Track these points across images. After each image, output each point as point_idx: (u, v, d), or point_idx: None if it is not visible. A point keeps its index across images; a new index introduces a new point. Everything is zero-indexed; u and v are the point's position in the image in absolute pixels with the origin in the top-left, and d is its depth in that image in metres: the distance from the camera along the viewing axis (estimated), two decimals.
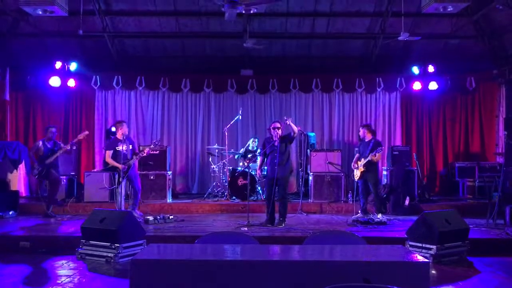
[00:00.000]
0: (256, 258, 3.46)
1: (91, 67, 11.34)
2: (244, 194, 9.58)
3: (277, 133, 7.96)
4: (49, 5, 7.87)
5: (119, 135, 8.75)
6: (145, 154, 8.86)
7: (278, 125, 8.05)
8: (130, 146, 8.85)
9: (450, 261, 6.15)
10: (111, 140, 8.88)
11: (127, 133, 8.89)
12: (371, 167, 8.60)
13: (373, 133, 8.96)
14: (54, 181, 9.03)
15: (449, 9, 7.80)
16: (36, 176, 9.03)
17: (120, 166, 8.50)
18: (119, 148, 8.62)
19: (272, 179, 7.95)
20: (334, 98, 12.12)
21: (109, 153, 8.68)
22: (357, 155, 9.04)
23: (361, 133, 8.99)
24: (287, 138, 8.02)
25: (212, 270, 3.25)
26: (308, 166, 10.58)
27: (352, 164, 8.98)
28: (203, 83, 11.66)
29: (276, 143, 7.93)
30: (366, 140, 8.82)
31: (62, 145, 9.08)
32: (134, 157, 8.77)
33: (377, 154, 8.45)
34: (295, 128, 7.88)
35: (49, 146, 8.98)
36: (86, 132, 9.08)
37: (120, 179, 8.51)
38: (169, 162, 10.84)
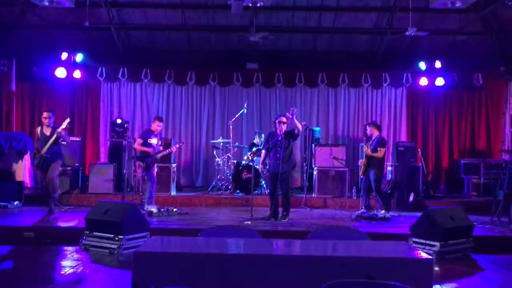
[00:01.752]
0: (259, 252, 3.47)
1: (97, 59, 11.34)
2: (248, 188, 9.58)
3: (282, 127, 7.93)
4: None
5: (153, 128, 8.83)
6: (174, 150, 9.15)
7: (284, 119, 7.96)
8: (160, 142, 8.97)
9: (454, 258, 6.12)
10: (144, 130, 8.94)
11: (160, 130, 9.03)
12: (373, 163, 8.54)
13: (379, 129, 8.90)
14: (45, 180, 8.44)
15: (457, 5, 7.71)
16: (36, 168, 8.69)
17: (150, 150, 8.63)
18: (152, 140, 8.74)
19: (275, 174, 7.92)
20: (339, 93, 12.07)
21: (139, 141, 8.71)
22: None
23: (368, 131, 8.90)
24: (290, 135, 7.96)
25: (215, 263, 3.26)
26: (313, 161, 10.56)
27: (359, 161, 8.96)
28: (208, 76, 11.64)
29: (280, 138, 7.90)
30: (373, 138, 8.74)
31: (57, 129, 8.27)
32: (160, 154, 8.88)
33: (379, 149, 8.42)
34: (299, 126, 7.83)
35: (46, 133, 8.36)
36: (67, 120, 8.47)
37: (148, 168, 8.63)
38: (173, 155, 10.85)
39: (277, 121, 8.03)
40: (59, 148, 8.54)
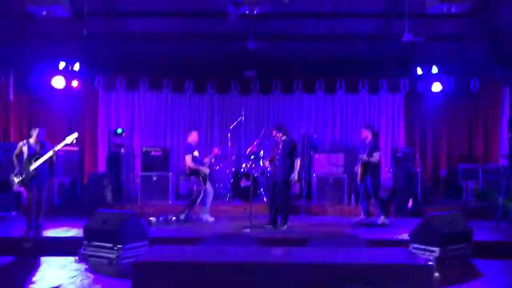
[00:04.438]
0: (258, 260, 3.46)
1: (95, 68, 11.34)
2: (247, 196, 9.58)
3: (279, 137, 8.00)
4: (53, 5, 7.88)
5: (192, 140, 8.88)
6: (215, 153, 9.10)
7: (272, 132, 8.18)
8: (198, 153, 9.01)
9: (454, 264, 6.11)
10: (187, 145, 8.97)
11: (197, 140, 9.06)
12: (369, 169, 8.54)
13: (374, 134, 8.92)
14: (30, 197, 7.79)
15: (453, 10, 7.79)
16: (18, 185, 7.82)
17: (204, 169, 8.70)
18: (196, 153, 8.80)
19: (274, 181, 7.98)
20: (337, 99, 12.10)
21: (189, 157, 8.73)
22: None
23: (363, 134, 8.93)
24: (289, 148, 8.00)
25: (215, 272, 3.25)
26: (311, 168, 10.56)
27: (356, 167, 8.96)
28: (206, 84, 11.67)
29: (280, 147, 7.96)
30: (366, 142, 8.79)
31: (50, 147, 7.78)
32: (207, 159, 8.95)
33: (374, 153, 8.42)
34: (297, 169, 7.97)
35: (34, 148, 7.79)
36: (75, 134, 7.91)
37: (203, 183, 8.68)
38: (171, 163, 10.85)
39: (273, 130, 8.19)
40: (46, 165, 7.98)
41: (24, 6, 8.22)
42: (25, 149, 7.78)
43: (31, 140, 7.85)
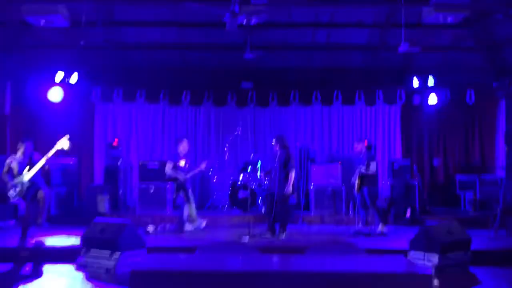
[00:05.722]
0: (257, 269, 3.45)
1: (92, 79, 11.32)
2: (245, 206, 9.58)
3: (276, 148, 8.04)
4: (51, 15, 7.89)
5: (180, 150, 8.86)
6: (203, 168, 9.02)
7: (273, 143, 8.20)
8: (187, 164, 8.96)
9: (452, 272, 6.09)
10: (174, 154, 8.98)
11: (187, 149, 9.01)
12: (366, 180, 8.57)
13: (366, 147, 8.97)
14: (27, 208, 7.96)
15: (448, 19, 7.87)
16: (16, 198, 7.98)
17: (180, 176, 8.62)
18: (180, 163, 8.77)
19: (272, 193, 7.99)
20: (334, 110, 12.15)
21: (170, 164, 8.72)
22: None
23: (359, 147, 8.96)
24: (284, 160, 8.01)
25: (212, 281, 3.24)
26: (309, 179, 10.56)
27: (352, 179, 8.98)
28: (203, 96, 11.69)
29: (276, 159, 7.98)
30: (360, 155, 8.84)
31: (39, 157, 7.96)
32: (191, 172, 8.90)
33: (371, 164, 8.45)
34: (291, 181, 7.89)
35: (24, 161, 7.98)
36: (67, 136, 8.30)
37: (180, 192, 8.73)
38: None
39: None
40: (39, 175, 8.14)
41: (22, 16, 8.24)
42: (13, 165, 7.84)
43: (18, 156, 7.89)
